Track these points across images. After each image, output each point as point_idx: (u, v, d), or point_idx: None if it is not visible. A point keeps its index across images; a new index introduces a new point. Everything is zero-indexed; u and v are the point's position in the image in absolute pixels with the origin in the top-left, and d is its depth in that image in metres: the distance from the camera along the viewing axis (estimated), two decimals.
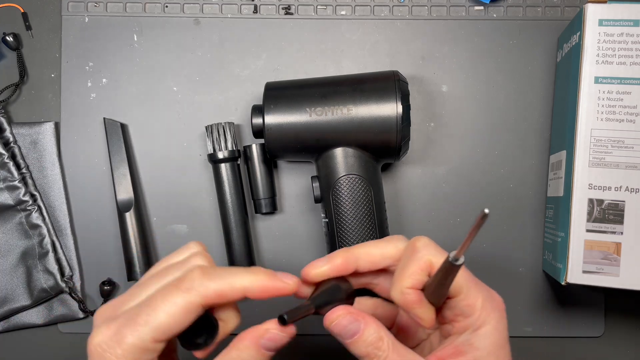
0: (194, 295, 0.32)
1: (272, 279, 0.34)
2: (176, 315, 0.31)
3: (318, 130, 0.45)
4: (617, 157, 0.44)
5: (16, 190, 0.51)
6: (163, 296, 0.32)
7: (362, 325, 0.34)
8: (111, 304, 0.34)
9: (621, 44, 0.44)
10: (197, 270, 0.32)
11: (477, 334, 0.35)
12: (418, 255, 0.35)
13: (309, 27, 0.53)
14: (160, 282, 0.33)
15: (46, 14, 0.53)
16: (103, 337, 0.31)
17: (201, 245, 0.36)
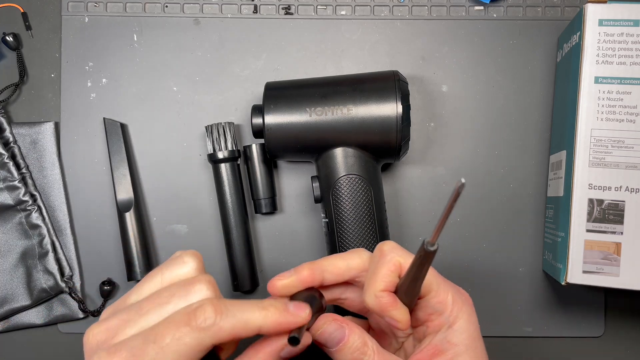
0: (208, 336, 0.30)
1: (285, 315, 0.33)
2: (185, 356, 0.30)
3: (318, 130, 0.45)
4: (617, 157, 0.44)
5: (16, 190, 0.51)
6: (172, 334, 0.30)
7: (346, 332, 0.35)
8: (102, 328, 0.32)
9: (621, 44, 0.44)
10: (209, 307, 0.31)
11: (452, 329, 0.36)
12: (387, 259, 0.35)
13: (309, 27, 0.53)
14: (163, 308, 0.32)
15: (46, 14, 0.53)
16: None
17: (198, 258, 0.35)
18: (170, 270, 0.34)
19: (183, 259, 0.34)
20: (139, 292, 0.34)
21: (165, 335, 0.30)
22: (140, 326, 0.32)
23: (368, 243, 0.46)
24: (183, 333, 0.30)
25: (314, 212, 0.52)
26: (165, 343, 0.30)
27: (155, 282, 0.34)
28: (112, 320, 0.32)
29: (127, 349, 0.30)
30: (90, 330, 0.33)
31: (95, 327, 0.33)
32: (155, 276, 0.34)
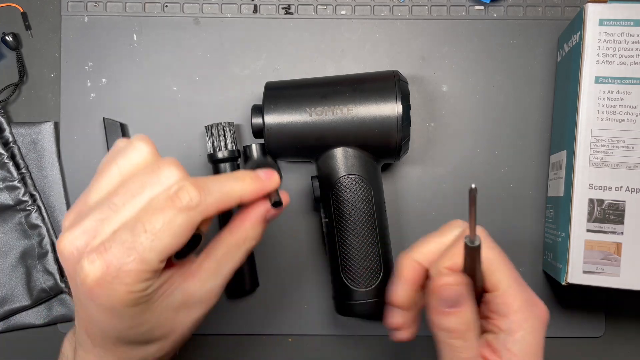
0: (196, 213, 0.31)
1: (260, 182, 0.35)
2: (180, 236, 0.31)
3: (318, 130, 0.45)
4: (618, 157, 0.43)
5: (16, 190, 0.50)
6: (161, 219, 0.30)
7: (467, 304, 0.34)
8: (77, 232, 0.31)
9: (621, 44, 0.44)
10: (190, 187, 0.31)
11: (513, 337, 0.34)
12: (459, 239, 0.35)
13: (309, 27, 0.52)
14: (137, 199, 0.31)
15: (46, 14, 0.53)
16: (103, 271, 0.30)
17: (150, 142, 0.34)
18: (125, 159, 0.33)
19: (134, 146, 0.33)
20: (98, 189, 0.33)
21: (155, 222, 0.30)
22: (119, 221, 0.31)
23: (368, 243, 0.46)
24: (172, 216, 0.30)
25: (314, 212, 0.52)
26: (157, 229, 0.30)
27: (113, 175, 0.33)
28: (85, 222, 0.31)
29: (117, 244, 0.30)
30: (63, 238, 0.31)
31: (68, 234, 0.31)
32: (111, 169, 0.33)
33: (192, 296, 0.35)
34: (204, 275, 0.35)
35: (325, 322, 0.52)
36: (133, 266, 0.30)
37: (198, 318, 0.36)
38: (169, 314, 0.34)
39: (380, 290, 0.46)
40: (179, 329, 0.35)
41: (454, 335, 0.34)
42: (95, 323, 0.33)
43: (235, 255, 0.36)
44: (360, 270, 0.46)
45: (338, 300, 0.47)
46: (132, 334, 0.33)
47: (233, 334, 0.52)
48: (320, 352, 0.52)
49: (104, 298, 0.30)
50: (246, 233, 0.36)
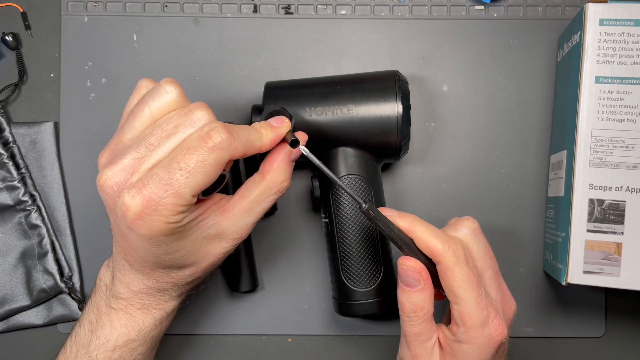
0: (225, 154, 0.34)
1: (274, 129, 0.37)
2: (211, 174, 0.34)
3: (318, 130, 0.45)
4: (618, 157, 0.43)
5: (15, 190, 0.50)
6: (195, 158, 0.33)
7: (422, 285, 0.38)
8: (116, 169, 0.34)
9: (622, 44, 0.44)
10: (221, 129, 0.34)
11: (461, 346, 0.37)
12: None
13: (309, 27, 0.52)
14: (171, 139, 0.34)
15: (45, 14, 0.53)
16: (143, 204, 0.33)
17: (177, 84, 0.36)
18: (156, 101, 0.36)
19: (164, 88, 0.36)
20: (132, 128, 0.36)
21: (189, 160, 0.33)
22: (155, 159, 0.34)
23: (368, 243, 0.46)
24: (205, 155, 0.33)
25: (314, 212, 0.52)
26: (191, 167, 0.33)
27: (145, 115, 0.36)
28: (123, 160, 0.35)
29: (155, 180, 0.33)
30: (103, 175, 0.35)
31: (107, 170, 0.35)
32: (143, 110, 0.36)
33: (225, 230, 0.39)
34: (237, 213, 0.39)
35: (325, 322, 0.52)
36: (170, 200, 0.33)
37: (228, 250, 0.40)
38: (202, 243, 0.38)
39: (380, 291, 0.46)
40: (210, 257, 0.39)
41: (404, 308, 0.38)
42: (135, 249, 0.37)
43: (267, 197, 0.39)
44: (360, 270, 0.46)
45: (338, 300, 0.47)
46: (168, 259, 0.37)
47: (233, 334, 0.52)
48: (320, 352, 0.52)
49: (144, 228, 0.34)
50: (276, 176, 0.39)
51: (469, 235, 0.40)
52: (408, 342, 0.39)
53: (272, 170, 0.39)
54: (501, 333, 0.37)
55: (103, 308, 0.41)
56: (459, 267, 0.37)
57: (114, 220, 0.37)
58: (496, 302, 0.39)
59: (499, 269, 0.41)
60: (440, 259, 0.37)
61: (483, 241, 0.41)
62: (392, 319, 0.52)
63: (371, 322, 0.52)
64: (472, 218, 0.41)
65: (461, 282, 0.37)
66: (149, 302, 0.41)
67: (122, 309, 0.41)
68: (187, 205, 0.34)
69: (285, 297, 0.52)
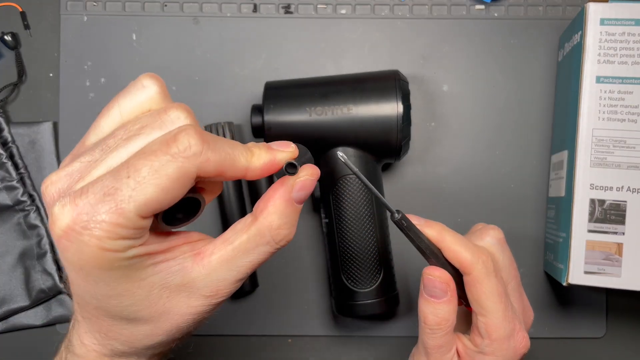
0: (191, 164, 0.26)
1: (271, 152, 0.29)
2: (167, 190, 0.25)
3: (318, 130, 0.45)
4: (619, 157, 0.43)
5: (14, 190, 0.50)
6: (149, 165, 0.25)
7: (448, 296, 0.35)
8: (61, 174, 0.27)
9: (622, 44, 0.44)
10: (192, 132, 0.26)
11: (483, 357, 0.36)
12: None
13: (309, 26, 0.52)
14: (132, 142, 0.27)
15: (45, 13, 0.52)
16: (72, 219, 0.25)
17: (160, 81, 0.30)
18: (128, 98, 0.29)
19: (141, 83, 0.29)
20: (97, 130, 0.29)
21: (141, 168, 0.25)
22: (108, 165, 0.27)
23: (368, 243, 0.45)
24: (163, 162, 0.25)
25: (314, 212, 0.52)
26: (141, 176, 0.25)
27: (113, 115, 0.29)
28: (73, 164, 0.28)
29: (96, 190, 0.25)
30: (48, 179, 0.28)
31: (53, 174, 0.28)
32: (112, 109, 0.29)
33: (194, 282, 0.29)
34: (214, 261, 0.29)
35: (325, 322, 0.52)
36: (107, 217, 0.25)
37: (199, 311, 0.30)
38: (162, 294, 0.29)
39: (381, 291, 0.46)
40: (172, 317, 0.29)
41: (427, 320, 0.36)
42: (72, 284, 0.29)
43: (257, 247, 0.29)
44: (360, 271, 0.45)
45: (338, 301, 0.47)
46: (112, 306, 0.28)
47: (233, 335, 0.52)
48: (320, 352, 0.52)
49: (72, 252, 0.26)
50: (271, 219, 0.29)
51: (496, 245, 0.38)
52: (428, 353, 0.37)
53: (267, 210, 0.29)
54: (525, 345, 0.37)
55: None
56: (489, 279, 0.35)
57: None
58: (518, 312, 0.38)
59: (520, 279, 0.40)
60: (470, 270, 0.35)
61: (508, 252, 0.39)
62: (392, 319, 0.52)
63: (371, 322, 0.52)
64: (498, 227, 0.40)
65: (490, 295, 0.35)
66: None
67: None
68: (132, 228, 0.26)
69: (285, 297, 0.52)
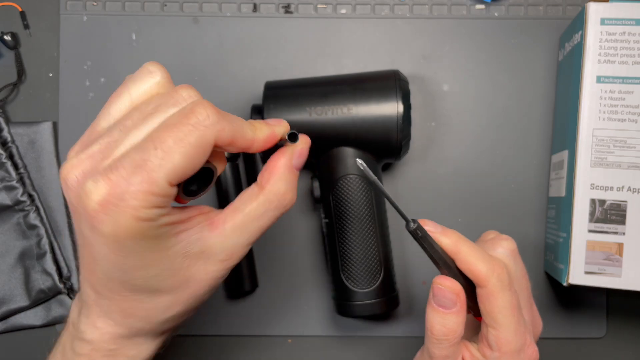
0: (210, 133, 0.28)
1: (270, 127, 0.33)
2: (192, 157, 0.28)
3: (318, 130, 0.45)
4: (620, 157, 0.43)
5: (14, 190, 0.50)
6: (174, 135, 0.28)
7: (458, 307, 0.35)
8: (82, 157, 0.29)
9: (623, 43, 0.44)
10: (208, 105, 0.29)
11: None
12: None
13: (308, 26, 0.52)
14: (150, 120, 0.29)
15: (44, 13, 0.52)
16: (108, 192, 0.27)
17: (164, 68, 0.32)
18: (137, 83, 0.31)
19: (148, 69, 0.31)
20: (107, 116, 0.31)
21: (167, 139, 0.28)
22: (131, 142, 0.29)
23: (368, 243, 0.45)
24: (186, 132, 0.28)
25: (314, 212, 0.52)
26: (167, 146, 0.28)
27: (124, 100, 0.31)
28: (92, 147, 0.29)
29: (126, 164, 0.28)
30: (67, 164, 0.29)
31: (72, 159, 0.29)
32: (122, 94, 0.31)
33: (211, 249, 0.32)
34: (228, 229, 0.32)
35: (325, 322, 0.52)
36: (140, 187, 0.27)
37: (215, 276, 0.33)
38: (183, 262, 0.31)
39: (381, 291, 0.45)
40: (192, 284, 0.32)
41: (434, 330, 0.35)
42: (98, 262, 0.30)
43: (265, 212, 0.33)
44: (360, 271, 0.45)
45: (338, 301, 0.47)
46: (138, 277, 0.30)
47: (233, 335, 0.52)
48: (320, 353, 0.52)
49: (108, 224, 0.28)
50: (277, 186, 0.33)
51: (509, 256, 0.38)
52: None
53: (272, 179, 0.33)
54: (534, 358, 0.36)
55: (68, 352, 0.35)
56: (503, 293, 0.34)
57: (77, 223, 0.30)
58: (528, 324, 0.37)
59: (531, 290, 0.40)
60: (485, 283, 0.34)
61: (521, 263, 0.39)
62: (392, 320, 0.52)
63: (371, 322, 0.52)
64: (511, 238, 0.39)
65: (503, 309, 0.35)
66: (116, 347, 0.34)
67: (85, 354, 0.34)
68: (163, 196, 0.28)
69: (285, 297, 0.52)
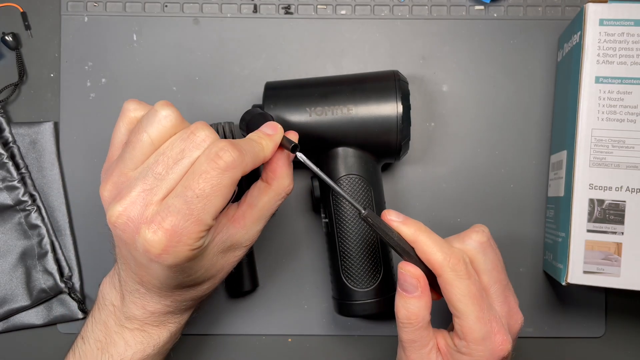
0: (238, 172, 0.34)
1: (272, 138, 0.38)
2: (228, 195, 0.34)
3: (318, 130, 0.45)
4: (618, 157, 0.43)
5: (15, 190, 0.50)
6: (209, 182, 0.33)
7: (418, 292, 0.37)
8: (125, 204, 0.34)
9: (622, 44, 0.44)
10: (230, 147, 0.33)
11: (462, 356, 0.37)
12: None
13: (309, 27, 0.52)
14: (179, 165, 0.34)
15: (45, 14, 0.53)
16: (167, 239, 0.33)
17: (172, 106, 0.36)
18: (154, 127, 0.35)
19: (161, 113, 0.35)
20: (133, 159, 0.35)
21: (204, 186, 0.33)
22: (166, 188, 0.34)
23: (368, 243, 0.46)
24: (219, 178, 0.33)
25: (314, 212, 0.52)
26: (207, 192, 0.33)
27: (145, 144, 0.35)
28: (131, 193, 0.34)
29: (173, 212, 0.33)
30: (113, 211, 0.34)
31: (117, 206, 0.34)
32: (142, 138, 0.35)
33: (239, 241, 0.39)
34: (249, 222, 0.39)
35: (325, 322, 0.52)
36: (192, 229, 0.33)
37: (241, 256, 0.41)
38: (219, 257, 0.38)
39: (380, 291, 0.46)
40: (226, 267, 0.40)
41: (399, 314, 0.38)
42: (156, 278, 0.36)
43: (276, 202, 0.40)
44: (360, 271, 0.46)
45: (338, 301, 0.47)
46: (189, 280, 0.37)
47: (233, 334, 0.52)
48: (320, 352, 0.52)
49: (170, 260, 0.34)
50: (282, 182, 0.39)
51: (476, 248, 0.39)
52: (404, 347, 0.39)
53: (277, 177, 0.39)
54: (504, 348, 0.37)
55: (113, 327, 0.40)
56: (460, 281, 0.36)
57: (129, 252, 0.36)
58: (501, 316, 0.38)
59: (507, 281, 0.41)
60: (440, 272, 0.37)
61: (492, 254, 0.40)
62: (392, 319, 0.52)
63: (371, 322, 0.52)
64: (484, 229, 0.40)
65: (461, 297, 0.36)
66: (166, 319, 0.41)
67: (137, 328, 0.40)
68: (209, 229, 0.34)
69: (285, 297, 0.52)
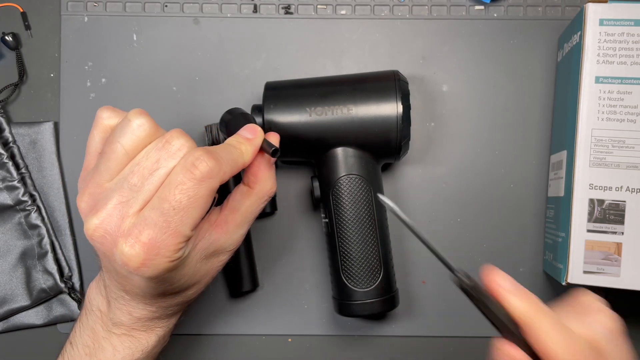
0: (215, 182, 0.33)
1: (251, 143, 0.37)
2: (206, 205, 0.33)
3: (318, 130, 0.45)
4: (618, 157, 0.43)
5: (15, 190, 0.50)
6: (186, 194, 0.32)
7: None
8: (100, 217, 0.33)
9: (622, 44, 0.44)
10: (206, 156, 0.32)
11: None
12: None
13: (309, 27, 0.52)
14: (154, 176, 0.33)
15: (45, 14, 0.53)
16: (145, 252, 0.32)
17: (145, 113, 0.35)
18: (128, 137, 0.34)
19: (135, 123, 0.34)
20: (108, 170, 0.34)
21: (181, 198, 0.32)
22: (142, 200, 0.33)
23: (368, 243, 0.46)
24: (195, 188, 0.32)
25: (314, 212, 0.52)
26: (184, 204, 0.32)
27: (120, 154, 0.34)
28: (108, 206, 0.33)
29: (149, 226, 0.32)
30: (90, 224, 0.34)
31: (93, 219, 0.33)
32: (116, 149, 0.34)
33: (222, 246, 0.38)
34: (232, 227, 0.39)
35: (325, 322, 0.52)
36: (170, 241, 0.32)
37: (226, 261, 0.40)
38: (202, 263, 0.38)
39: (380, 291, 0.46)
40: (210, 273, 0.39)
41: None
42: (138, 287, 0.36)
43: (258, 206, 0.40)
44: (360, 271, 0.46)
45: (338, 301, 0.47)
46: (172, 288, 0.37)
47: (233, 334, 0.52)
48: (320, 352, 0.52)
49: (149, 272, 0.33)
50: (264, 185, 0.39)
51: (606, 337, 0.32)
52: None
53: (259, 180, 0.39)
54: None
55: (100, 332, 0.40)
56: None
57: (109, 263, 0.36)
58: None
59: None
60: None
61: (621, 347, 0.33)
62: (391, 319, 0.52)
63: (371, 322, 0.52)
64: (612, 312, 0.33)
65: None
66: (153, 324, 0.40)
67: (124, 333, 0.40)
68: (187, 240, 0.34)
69: (285, 297, 0.52)
